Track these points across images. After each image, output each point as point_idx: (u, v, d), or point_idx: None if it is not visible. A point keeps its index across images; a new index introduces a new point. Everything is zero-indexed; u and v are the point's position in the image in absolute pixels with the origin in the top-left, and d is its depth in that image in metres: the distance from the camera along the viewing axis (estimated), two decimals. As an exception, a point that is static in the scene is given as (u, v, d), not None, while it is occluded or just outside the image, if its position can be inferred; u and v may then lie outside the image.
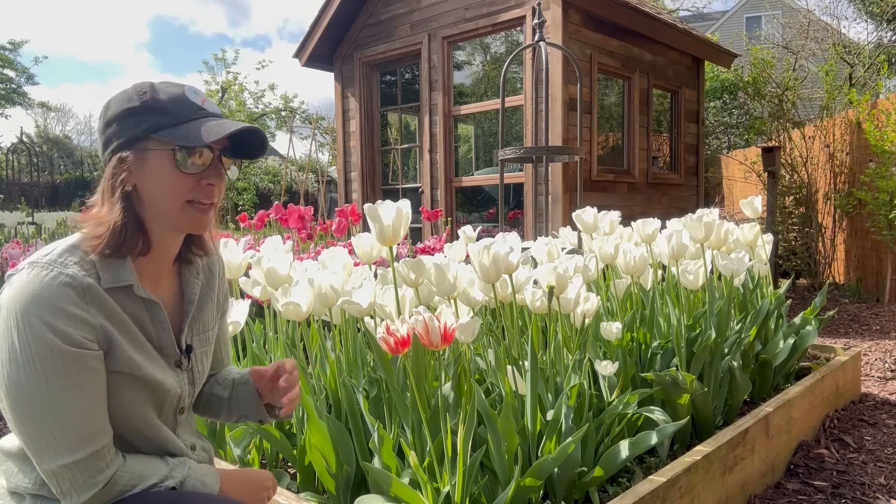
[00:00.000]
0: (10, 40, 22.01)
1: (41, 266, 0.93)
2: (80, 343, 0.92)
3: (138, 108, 0.99)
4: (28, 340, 0.90)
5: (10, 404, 0.92)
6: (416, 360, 1.53)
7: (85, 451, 0.92)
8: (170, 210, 1.01)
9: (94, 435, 0.94)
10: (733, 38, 9.63)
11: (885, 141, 5.26)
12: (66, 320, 0.91)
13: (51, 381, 0.90)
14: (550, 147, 3.31)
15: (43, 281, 0.92)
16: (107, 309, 0.97)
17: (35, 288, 0.91)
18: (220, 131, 0.98)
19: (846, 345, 4.04)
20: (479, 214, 6.53)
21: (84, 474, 0.93)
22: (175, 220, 1.02)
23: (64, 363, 0.90)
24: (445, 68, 5.78)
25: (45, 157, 20.48)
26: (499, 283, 1.79)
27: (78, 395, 0.92)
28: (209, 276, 1.19)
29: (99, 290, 0.96)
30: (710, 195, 9.02)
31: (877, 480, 2.26)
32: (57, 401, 0.91)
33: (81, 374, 0.92)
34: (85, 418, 0.93)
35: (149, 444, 1.05)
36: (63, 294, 0.92)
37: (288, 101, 20.26)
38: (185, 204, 1.01)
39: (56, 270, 0.93)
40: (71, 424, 0.92)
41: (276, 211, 4.31)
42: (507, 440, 1.55)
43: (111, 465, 0.95)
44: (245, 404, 1.24)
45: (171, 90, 1.02)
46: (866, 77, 9.24)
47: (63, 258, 0.95)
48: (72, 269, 0.94)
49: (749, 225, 2.82)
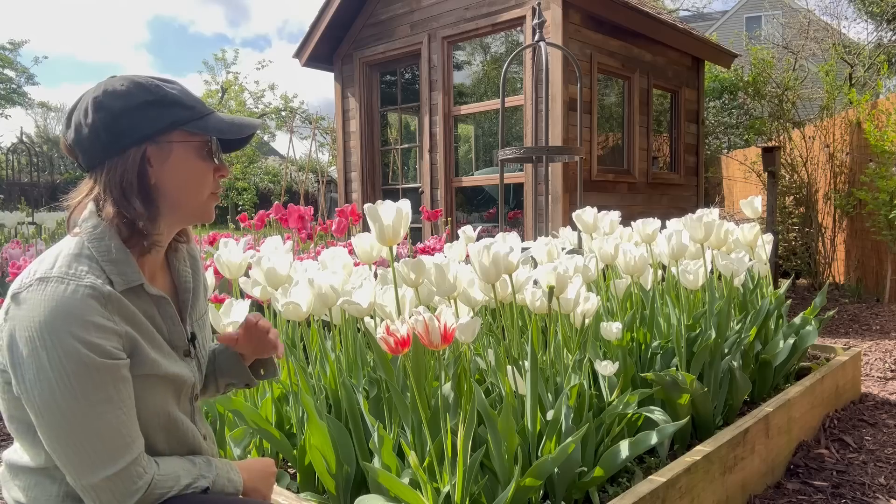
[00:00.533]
0: (10, 40, 22.02)
1: (56, 280, 0.90)
2: (112, 354, 0.91)
3: (160, 101, 0.98)
4: (60, 358, 0.87)
5: (46, 425, 0.90)
6: (416, 360, 1.52)
7: (124, 462, 0.92)
8: (196, 202, 1.02)
9: (130, 444, 0.93)
10: (733, 38, 9.62)
11: (885, 141, 5.26)
12: (96, 332, 0.89)
13: (88, 396, 0.89)
14: (550, 147, 3.30)
15: (64, 295, 0.89)
16: (127, 314, 0.96)
17: (57, 303, 0.88)
18: (248, 125, 1.03)
19: (846, 345, 4.04)
20: (479, 214, 6.52)
21: (125, 483, 0.92)
22: (198, 212, 1.04)
23: (101, 376, 0.89)
24: (445, 68, 5.78)
25: (45, 157, 20.45)
26: (499, 283, 1.79)
27: (114, 407, 0.91)
28: (193, 261, 1.19)
29: (118, 297, 0.94)
30: (710, 195, 9.02)
31: (877, 480, 2.26)
32: (95, 415, 0.89)
33: (116, 386, 0.91)
34: (121, 427, 0.92)
35: (171, 439, 1.05)
36: (89, 306, 0.89)
37: (288, 101, 20.26)
38: (210, 196, 1.04)
39: (74, 283, 0.90)
40: (109, 437, 0.91)
41: (276, 211, 4.31)
42: (507, 440, 1.55)
43: (148, 469, 0.95)
44: (230, 371, 1.25)
45: (173, 86, 1.01)
46: (866, 77, 9.24)
47: (73, 269, 0.92)
48: (88, 278, 0.92)
49: (749, 225, 2.82)
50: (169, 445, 1.05)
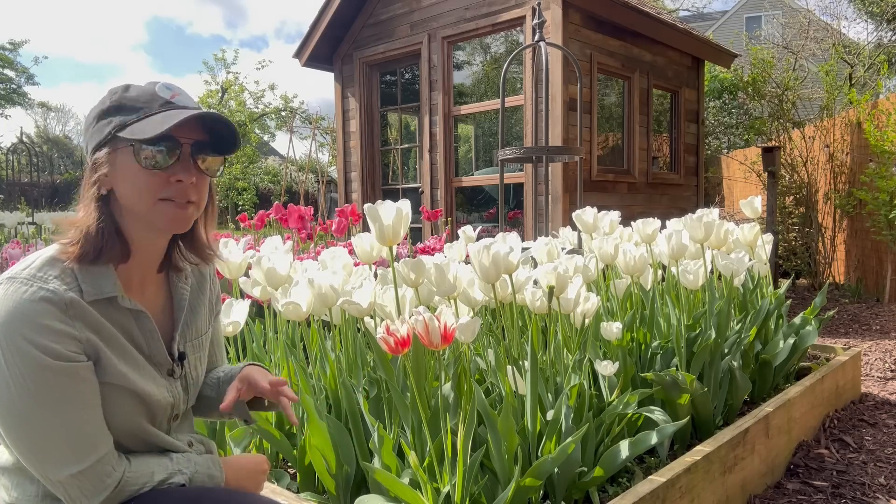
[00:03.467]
0: (10, 40, 22.03)
1: (20, 281, 0.90)
2: (67, 357, 0.90)
3: (108, 109, 0.98)
4: (14, 358, 0.88)
5: (6, 425, 0.90)
6: (416, 360, 1.52)
7: (89, 460, 0.92)
8: (142, 209, 0.97)
9: (95, 443, 0.93)
10: (733, 38, 9.61)
11: (885, 141, 5.26)
12: (49, 336, 0.89)
13: (44, 396, 0.89)
14: (550, 147, 3.30)
15: (22, 298, 0.89)
16: (92, 323, 0.94)
17: (14, 305, 0.89)
18: (172, 120, 0.93)
19: (846, 345, 4.04)
20: (479, 214, 6.52)
21: (92, 480, 0.92)
22: (149, 218, 0.98)
23: (55, 377, 0.89)
24: (445, 68, 5.78)
25: (45, 157, 20.47)
26: (499, 283, 1.79)
27: (74, 407, 0.91)
28: (200, 279, 1.16)
29: (82, 305, 0.93)
30: (710, 195, 9.02)
31: (877, 480, 2.26)
32: (53, 415, 0.90)
33: (75, 387, 0.91)
34: (83, 428, 0.92)
35: (146, 446, 1.04)
36: (43, 310, 0.89)
37: (288, 101, 20.26)
38: (159, 202, 0.97)
39: (36, 286, 0.90)
40: (71, 436, 0.91)
41: (276, 211, 4.31)
42: (507, 440, 1.55)
43: (117, 468, 0.95)
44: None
45: (144, 88, 0.99)
46: (866, 77, 9.23)
47: (42, 272, 0.92)
48: (52, 283, 0.91)
49: (749, 225, 2.82)
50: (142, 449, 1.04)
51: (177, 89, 1.00)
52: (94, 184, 0.97)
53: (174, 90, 1.00)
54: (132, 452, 1.01)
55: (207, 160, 1.01)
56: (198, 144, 0.99)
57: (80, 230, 0.96)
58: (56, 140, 29.45)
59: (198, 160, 0.99)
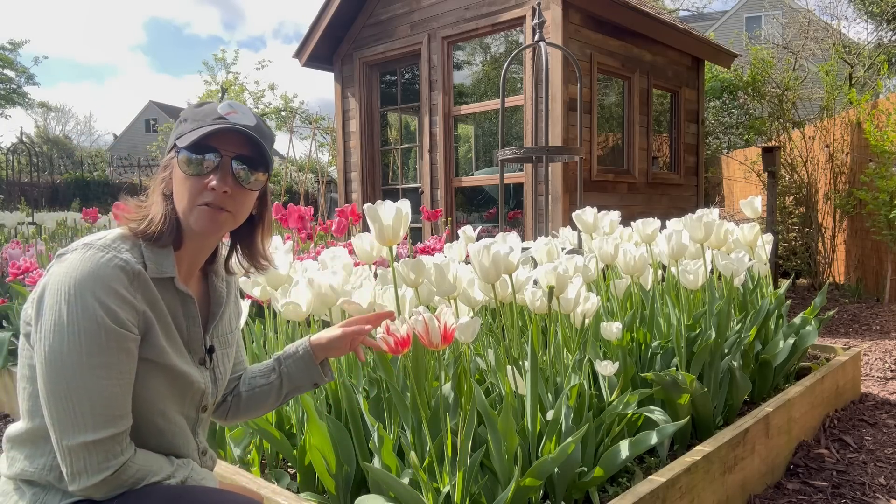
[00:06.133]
0: (10, 40, 22.03)
1: (97, 248, 0.99)
2: (124, 324, 0.97)
3: (181, 120, 1.11)
4: (77, 313, 0.94)
5: (47, 375, 0.95)
6: (416, 360, 1.52)
7: (107, 432, 0.95)
8: (182, 210, 1.07)
9: (118, 417, 0.97)
10: (733, 38, 9.61)
11: (885, 141, 5.26)
12: (115, 300, 0.96)
13: (91, 355, 0.94)
14: (550, 147, 3.30)
15: (100, 261, 0.97)
16: (150, 297, 1.02)
17: (91, 266, 0.96)
18: (206, 130, 1.04)
19: (846, 345, 4.04)
20: (479, 214, 6.52)
21: (100, 456, 0.95)
22: (186, 220, 1.07)
23: (107, 340, 0.95)
24: (445, 68, 5.78)
25: (45, 157, 20.46)
26: (499, 283, 1.79)
27: (112, 375, 0.96)
28: (230, 286, 1.26)
29: (146, 278, 1.02)
30: (710, 195, 9.02)
31: (877, 480, 2.26)
32: (92, 377, 0.94)
33: (119, 355, 0.96)
34: (114, 399, 0.96)
35: (160, 436, 1.07)
36: (117, 275, 0.97)
37: (288, 101, 20.25)
38: (196, 206, 1.06)
39: (112, 253, 0.99)
40: (100, 402, 0.95)
41: (276, 211, 4.30)
42: (507, 440, 1.55)
43: (125, 451, 0.98)
44: (298, 375, 1.29)
45: (211, 105, 1.10)
46: (866, 77, 9.24)
47: (117, 244, 1.01)
48: (125, 254, 1.00)
49: (749, 225, 2.82)
50: (157, 441, 1.06)
51: (238, 107, 1.10)
52: (161, 182, 1.09)
53: (234, 108, 1.09)
54: (145, 446, 1.04)
55: (243, 173, 1.08)
56: (240, 158, 1.08)
57: (146, 216, 1.06)
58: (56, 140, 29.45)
59: (236, 172, 1.07)
